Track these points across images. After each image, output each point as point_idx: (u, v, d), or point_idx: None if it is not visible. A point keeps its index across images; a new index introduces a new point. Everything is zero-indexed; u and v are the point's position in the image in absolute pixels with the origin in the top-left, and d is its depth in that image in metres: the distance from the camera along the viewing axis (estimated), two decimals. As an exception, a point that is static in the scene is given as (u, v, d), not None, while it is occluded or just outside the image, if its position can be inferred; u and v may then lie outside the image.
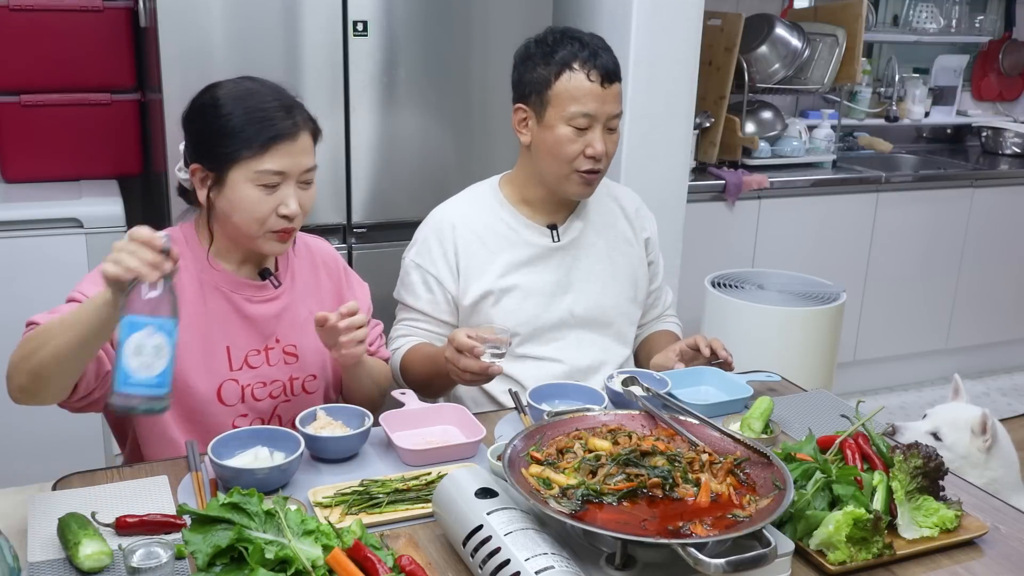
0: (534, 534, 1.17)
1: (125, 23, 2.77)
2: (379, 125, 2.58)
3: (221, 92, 1.58)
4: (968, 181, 4.02)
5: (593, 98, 1.81)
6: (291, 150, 1.55)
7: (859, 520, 1.26)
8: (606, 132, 1.85)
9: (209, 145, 1.56)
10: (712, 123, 3.62)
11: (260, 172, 1.53)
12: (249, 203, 1.54)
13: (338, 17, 2.47)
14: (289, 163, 1.55)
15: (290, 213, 1.56)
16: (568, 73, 1.81)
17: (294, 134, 1.55)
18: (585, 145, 1.83)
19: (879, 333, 4.01)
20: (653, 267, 2.11)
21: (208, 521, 1.16)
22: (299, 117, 1.58)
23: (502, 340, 1.70)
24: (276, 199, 1.55)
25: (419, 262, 1.96)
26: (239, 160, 1.53)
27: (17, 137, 2.75)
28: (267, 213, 1.55)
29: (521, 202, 1.97)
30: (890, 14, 4.53)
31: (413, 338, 1.97)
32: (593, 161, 1.85)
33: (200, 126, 1.59)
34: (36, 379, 1.38)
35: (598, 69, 1.81)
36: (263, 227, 1.57)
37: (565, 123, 1.83)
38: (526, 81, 1.87)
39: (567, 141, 1.83)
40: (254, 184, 1.54)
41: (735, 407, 1.74)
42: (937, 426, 2.17)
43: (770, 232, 3.65)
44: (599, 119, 1.83)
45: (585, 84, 1.81)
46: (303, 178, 1.59)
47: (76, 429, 2.60)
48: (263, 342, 1.68)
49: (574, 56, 1.82)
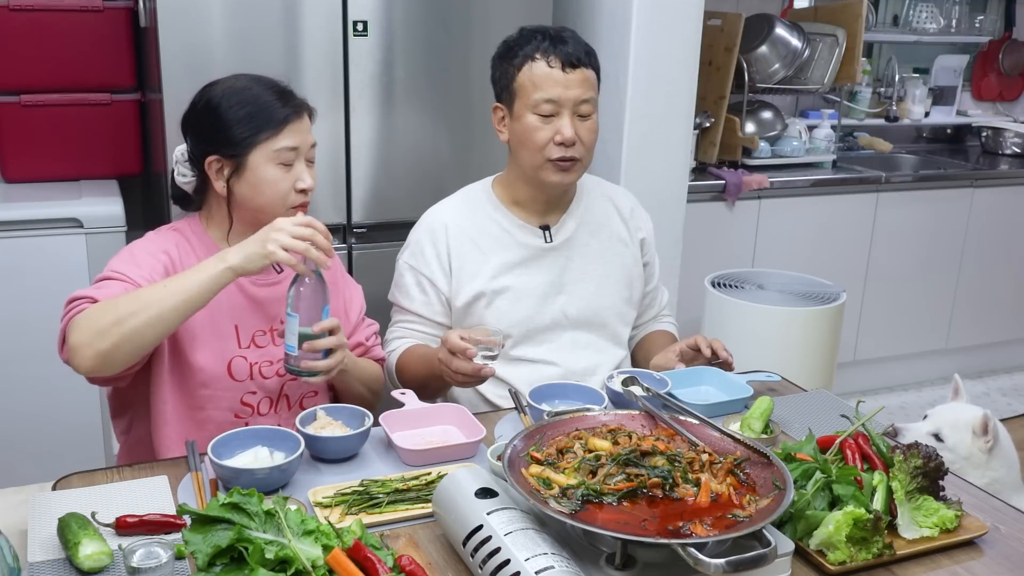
0: (534, 534, 1.17)
1: (125, 23, 2.77)
2: (379, 125, 2.58)
3: (225, 86, 1.69)
4: (968, 181, 4.02)
5: (555, 83, 1.82)
6: (300, 128, 1.68)
7: (859, 520, 1.26)
8: (577, 118, 1.84)
9: (225, 135, 1.65)
10: (712, 123, 3.62)
11: (278, 150, 1.65)
12: (272, 182, 1.65)
13: (338, 17, 2.47)
14: (300, 139, 1.67)
15: (307, 187, 1.68)
16: (529, 63, 1.84)
17: (300, 113, 1.69)
18: (554, 132, 1.84)
19: (879, 333, 4.01)
20: (649, 268, 2.11)
21: (208, 521, 1.16)
22: (297, 98, 1.71)
23: (495, 342, 1.71)
24: (293, 176, 1.67)
25: (412, 264, 1.97)
26: (258, 142, 1.64)
27: (17, 137, 2.75)
28: (287, 190, 1.67)
29: (513, 203, 1.97)
30: (890, 14, 4.53)
31: (408, 340, 1.97)
32: (563, 148, 1.84)
33: (211, 120, 1.66)
34: (128, 342, 1.46)
35: (558, 55, 1.82)
36: (285, 204, 1.67)
37: (531, 111, 1.84)
38: (496, 79, 1.91)
39: (534, 129, 1.84)
40: (274, 163, 1.65)
41: (735, 407, 1.74)
42: (938, 426, 2.17)
43: (770, 232, 3.65)
44: (564, 104, 1.83)
45: (545, 70, 1.82)
46: (309, 155, 1.71)
47: (76, 429, 2.61)
48: (268, 323, 1.74)
49: (535, 48, 1.84)
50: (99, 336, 1.45)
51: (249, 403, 1.71)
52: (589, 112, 1.86)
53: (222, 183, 1.66)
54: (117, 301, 1.49)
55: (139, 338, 1.47)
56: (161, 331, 1.50)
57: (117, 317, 1.46)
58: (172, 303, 1.48)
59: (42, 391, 2.55)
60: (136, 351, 1.50)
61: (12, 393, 2.55)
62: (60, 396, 2.56)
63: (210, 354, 1.67)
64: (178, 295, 1.48)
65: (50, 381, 2.54)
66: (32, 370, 2.52)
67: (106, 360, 1.47)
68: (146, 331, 1.47)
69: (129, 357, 1.50)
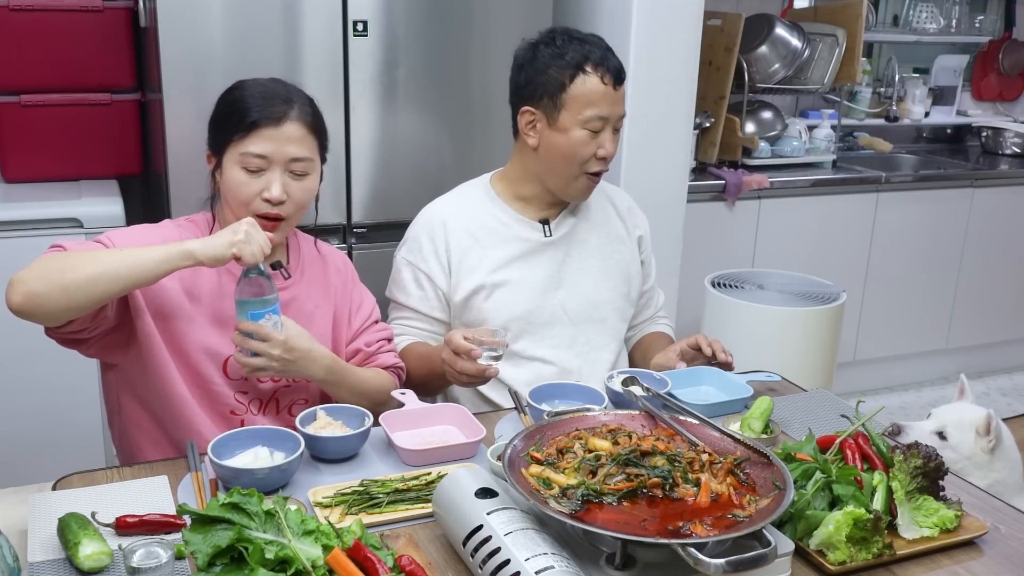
0: (534, 534, 1.17)
1: (125, 23, 2.77)
2: (379, 125, 2.58)
3: (235, 84, 1.69)
4: (968, 181, 4.02)
5: (608, 101, 1.82)
6: (275, 135, 1.62)
7: (859, 520, 1.26)
8: (614, 135, 1.87)
9: (212, 132, 1.68)
10: (712, 123, 3.62)
11: (243, 154, 1.61)
12: (236, 184, 1.63)
13: (338, 17, 2.47)
14: (272, 148, 1.61)
15: (271, 197, 1.62)
16: (582, 76, 1.81)
17: (278, 120, 1.62)
18: (597, 147, 1.85)
19: (879, 333, 4.01)
20: (646, 266, 2.11)
21: (208, 521, 1.16)
22: (293, 108, 1.64)
23: (499, 342, 1.71)
24: (262, 183, 1.62)
25: (410, 259, 1.97)
26: (230, 143, 1.63)
27: (17, 137, 2.75)
28: (251, 196, 1.63)
29: (514, 198, 1.98)
30: (890, 14, 4.53)
31: (407, 337, 1.97)
32: (603, 163, 1.86)
33: (211, 117, 1.69)
34: (59, 293, 1.43)
35: (611, 72, 1.82)
36: (248, 210, 1.63)
37: (580, 126, 1.83)
38: (537, 83, 1.85)
39: (581, 144, 1.84)
40: (239, 166, 1.62)
41: (735, 407, 1.74)
42: (942, 425, 2.17)
43: (770, 232, 3.65)
44: (611, 121, 1.84)
45: (600, 87, 1.81)
46: (292, 167, 1.64)
47: (76, 429, 2.61)
48: None
49: (585, 58, 1.82)
50: (38, 278, 1.43)
51: (240, 403, 1.69)
52: (621, 126, 1.89)
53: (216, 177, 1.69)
54: (74, 254, 1.48)
55: (75, 291, 1.43)
56: (99, 293, 1.45)
57: (63, 266, 1.44)
58: (119, 269, 1.45)
59: (42, 391, 2.55)
60: (68, 304, 1.44)
61: (12, 393, 2.55)
62: (60, 396, 2.56)
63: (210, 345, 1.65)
64: (128, 263, 1.46)
65: (50, 381, 2.54)
66: (32, 370, 2.52)
67: (34, 303, 1.43)
68: (86, 287, 1.43)
69: (59, 309, 1.45)
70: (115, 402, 1.73)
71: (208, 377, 1.66)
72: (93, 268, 1.44)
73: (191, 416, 1.64)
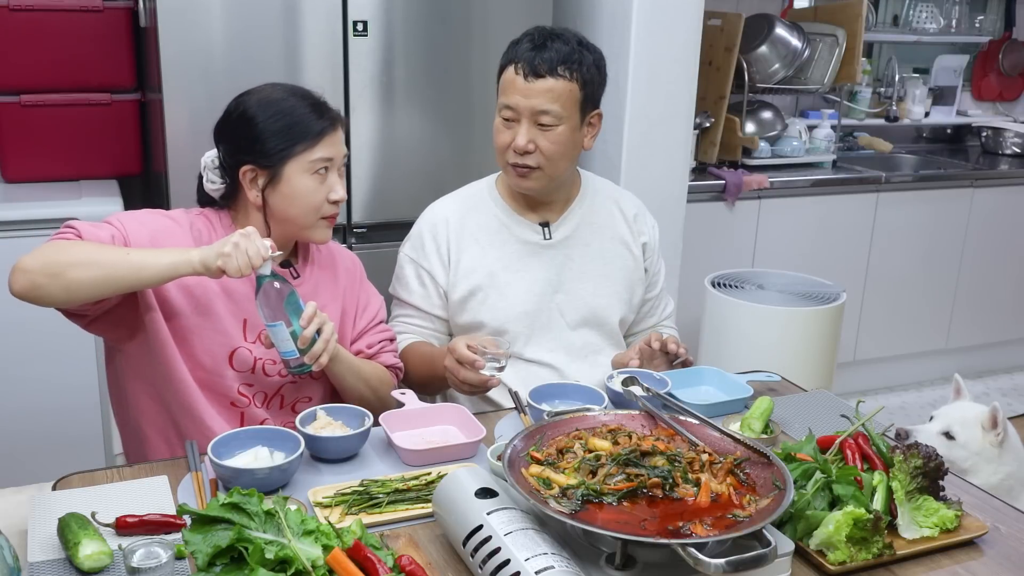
0: (534, 534, 1.17)
1: (125, 23, 2.78)
2: (379, 125, 2.58)
3: (260, 96, 1.70)
4: (968, 181, 4.02)
5: (515, 91, 1.82)
6: (335, 139, 1.70)
7: (859, 520, 1.26)
8: (536, 127, 1.83)
9: (261, 146, 1.66)
10: (712, 123, 3.62)
11: (313, 161, 1.66)
12: (306, 192, 1.67)
13: (338, 17, 2.47)
14: (334, 151, 1.70)
15: (339, 198, 1.71)
16: (509, 67, 1.85)
17: (335, 125, 1.71)
18: (512, 137, 1.85)
19: (879, 333, 4.01)
20: (651, 274, 2.10)
21: (208, 521, 1.16)
22: (332, 111, 1.72)
23: (502, 353, 1.72)
24: (326, 187, 1.70)
25: (413, 256, 1.98)
26: (294, 154, 1.65)
27: (17, 137, 2.75)
28: (321, 201, 1.69)
29: (513, 198, 1.98)
30: (890, 14, 4.53)
31: (409, 335, 1.97)
32: (516, 155, 1.85)
33: (246, 131, 1.67)
34: (60, 289, 1.47)
35: (525, 62, 1.81)
36: (317, 214, 1.70)
37: (498, 114, 1.87)
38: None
39: (496, 131, 1.88)
40: (309, 174, 1.67)
41: (735, 407, 1.74)
42: (948, 425, 2.17)
43: (770, 232, 3.65)
44: (522, 113, 1.83)
45: (511, 76, 1.84)
46: (340, 166, 1.73)
47: (76, 429, 2.61)
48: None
49: (516, 51, 1.85)
50: (41, 270, 1.46)
51: (244, 395, 1.70)
52: (551, 124, 1.83)
53: (256, 192, 1.67)
54: (81, 248, 1.50)
55: (76, 289, 1.47)
56: (100, 294, 1.50)
57: (68, 261, 1.46)
58: (123, 272, 1.48)
59: (42, 391, 2.55)
60: (68, 299, 1.49)
61: (12, 393, 2.55)
62: (60, 396, 2.56)
63: (218, 337, 1.67)
64: (133, 267, 1.48)
65: (50, 381, 2.54)
66: (32, 370, 2.52)
67: (35, 293, 1.47)
68: (88, 287, 1.47)
69: (60, 302, 1.50)
70: (121, 390, 1.74)
71: (213, 368, 1.67)
72: (97, 270, 1.47)
73: (195, 403, 1.66)
